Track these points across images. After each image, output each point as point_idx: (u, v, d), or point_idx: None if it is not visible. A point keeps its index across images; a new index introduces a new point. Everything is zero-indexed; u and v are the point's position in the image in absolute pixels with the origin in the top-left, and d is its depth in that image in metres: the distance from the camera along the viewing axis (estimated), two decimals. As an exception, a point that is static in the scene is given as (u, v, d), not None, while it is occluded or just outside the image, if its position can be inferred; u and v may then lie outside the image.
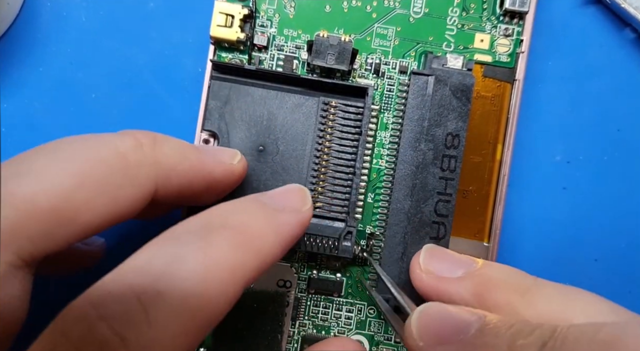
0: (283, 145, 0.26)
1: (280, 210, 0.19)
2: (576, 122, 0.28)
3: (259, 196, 0.21)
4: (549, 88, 0.28)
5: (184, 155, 0.20)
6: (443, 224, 0.25)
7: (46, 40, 0.28)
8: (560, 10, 0.29)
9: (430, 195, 0.25)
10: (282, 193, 0.21)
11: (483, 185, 0.26)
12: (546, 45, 0.28)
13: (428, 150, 0.25)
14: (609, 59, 0.29)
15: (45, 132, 0.28)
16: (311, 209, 0.21)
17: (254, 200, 0.20)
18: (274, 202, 0.20)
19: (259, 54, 0.27)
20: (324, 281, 0.26)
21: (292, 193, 0.21)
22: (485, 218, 0.26)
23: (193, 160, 0.20)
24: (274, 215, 0.19)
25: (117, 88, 0.28)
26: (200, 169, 0.21)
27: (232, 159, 0.22)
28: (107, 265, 0.16)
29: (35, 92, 0.28)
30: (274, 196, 0.21)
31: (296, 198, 0.21)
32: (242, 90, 0.26)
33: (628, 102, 0.28)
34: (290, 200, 0.20)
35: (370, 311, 0.26)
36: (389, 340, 0.26)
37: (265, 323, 0.24)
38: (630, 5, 0.27)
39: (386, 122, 0.27)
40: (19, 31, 0.28)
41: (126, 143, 0.19)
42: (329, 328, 0.26)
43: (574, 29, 0.29)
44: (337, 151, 0.26)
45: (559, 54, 0.28)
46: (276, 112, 0.26)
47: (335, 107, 0.26)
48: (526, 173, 0.28)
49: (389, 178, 0.26)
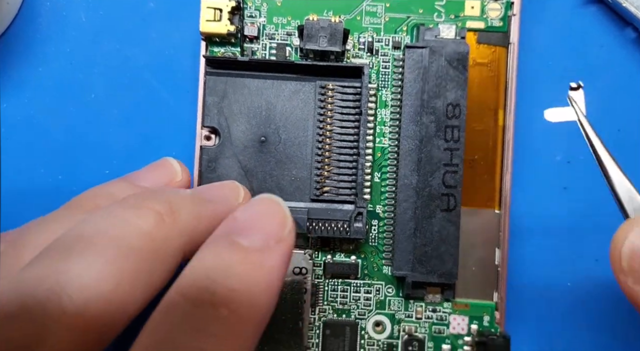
0: (285, 133, 0.26)
1: (264, 250, 0.17)
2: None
3: (234, 235, 0.17)
4: (549, 88, 0.28)
5: (200, 215, 0.19)
6: (452, 195, 0.25)
7: (46, 40, 0.28)
8: (560, 9, 0.28)
9: (436, 167, 0.25)
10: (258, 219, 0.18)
11: (488, 153, 0.26)
12: (547, 44, 0.28)
13: (430, 122, 0.25)
14: (610, 58, 0.28)
15: (46, 132, 0.28)
16: (294, 228, 0.18)
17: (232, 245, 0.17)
18: (253, 238, 0.17)
19: (251, 45, 0.27)
20: (339, 265, 0.26)
21: (269, 215, 0.18)
22: (494, 186, 0.26)
23: (210, 217, 0.19)
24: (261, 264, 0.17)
25: (117, 88, 0.28)
26: (215, 221, 0.19)
27: (238, 198, 0.21)
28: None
29: (35, 92, 0.28)
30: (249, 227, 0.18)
31: (275, 220, 0.18)
32: (238, 83, 0.26)
33: (629, 102, 0.28)
34: (269, 226, 0.18)
35: (389, 290, 0.26)
36: (410, 317, 0.25)
37: (285, 312, 0.24)
38: (631, 4, 0.27)
39: (385, 99, 0.26)
40: (19, 31, 0.28)
41: (148, 220, 0.17)
42: (349, 311, 0.26)
43: (574, 28, 0.28)
44: (339, 134, 0.26)
45: (560, 53, 0.28)
46: (274, 101, 0.26)
47: (333, 89, 0.26)
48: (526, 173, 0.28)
49: (394, 156, 0.26)
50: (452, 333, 0.25)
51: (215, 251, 0.17)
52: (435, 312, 0.25)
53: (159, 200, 0.18)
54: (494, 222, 0.26)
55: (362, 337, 0.25)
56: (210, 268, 0.17)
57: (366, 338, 0.25)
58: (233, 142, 0.26)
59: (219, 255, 0.17)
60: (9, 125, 0.28)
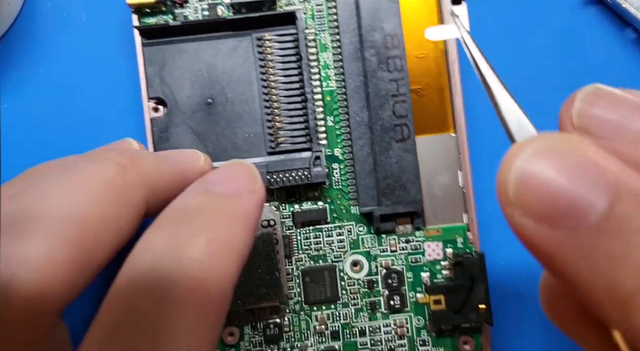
0: (230, 92, 0.26)
1: (237, 197, 0.18)
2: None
3: (209, 186, 0.18)
4: (548, 88, 0.28)
5: (161, 168, 0.20)
6: (405, 125, 0.25)
7: (46, 40, 0.28)
8: (561, 10, 0.28)
9: (385, 100, 0.25)
10: (229, 175, 0.19)
11: (434, 78, 0.26)
12: (547, 45, 0.28)
13: (371, 56, 0.25)
14: (610, 59, 0.28)
15: (46, 132, 0.28)
16: (263, 185, 0.19)
17: (208, 192, 0.18)
18: (227, 188, 0.18)
19: (183, 10, 0.26)
20: (307, 212, 0.26)
21: (239, 173, 0.19)
22: (446, 110, 0.26)
23: (171, 172, 0.20)
24: (236, 206, 0.18)
25: (117, 88, 0.28)
26: (179, 179, 0.20)
27: (199, 161, 0.22)
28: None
29: (35, 92, 0.28)
30: (222, 180, 0.19)
31: (245, 176, 0.19)
32: (175, 49, 0.26)
33: None
34: (241, 181, 0.19)
35: (360, 229, 0.26)
36: (385, 251, 0.26)
37: (260, 265, 0.24)
38: (631, 5, 0.26)
39: (325, 42, 0.26)
40: (19, 31, 0.28)
41: (110, 169, 0.18)
42: (325, 256, 0.26)
43: (574, 29, 0.28)
44: (284, 83, 0.26)
45: (560, 54, 0.28)
46: (214, 62, 0.26)
47: (270, 39, 0.26)
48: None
49: (343, 97, 0.26)
50: (429, 260, 0.25)
51: (188, 195, 0.18)
52: (408, 243, 0.26)
53: (120, 153, 0.19)
54: (452, 146, 0.26)
55: (341, 279, 0.26)
56: (185, 207, 0.17)
57: (346, 279, 0.26)
58: (181, 109, 0.26)
59: (193, 198, 0.18)
60: (9, 125, 0.28)
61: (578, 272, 0.11)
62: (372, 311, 0.25)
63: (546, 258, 0.11)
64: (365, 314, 0.25)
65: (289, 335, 0.25)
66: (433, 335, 0.25)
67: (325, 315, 0.25)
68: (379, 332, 0.25)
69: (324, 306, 0.25)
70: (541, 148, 0.11)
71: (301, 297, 0.26)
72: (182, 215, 0.17)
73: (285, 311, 0.25)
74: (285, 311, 0.25)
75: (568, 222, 0.11)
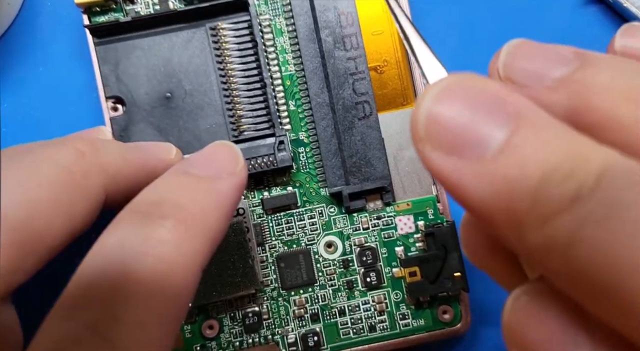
0: (188, 84, 0.25)
1: (215, 178, 0.18)
2: None
3: (188, 167, 0.18)
4: None
5: (126, 157, 0.20)
6: (366, 102, 0.25)
7: (46, 40, 0.28)
8: (561, 9, 0.28)
9: (344, 79, 0.25)
10: (210, 156, 0.19)
11: (392, 54, 0.26)
12: None
13: (326, 36, 0.25)
14: None
15: (46, 132, 0.28)
16: (245, 167, 0.19)
17: (185, 174, 0.18)
18: (205, 170, 0.18)
19: (133, 6, 0.26)
20: (276, 198, 0.26)
21: (220, 154, 0.19)
22: (407, 84, 0.26)
23: (136, 162, 0.20)
24: (211, 188, 0.18)
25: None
26: (144, 169, 0.20)
27: (169, 153, 0.22)
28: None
29: (35, 92, 0.28)
30: (202, 162, 0.19)
31: (226, 158, 0.19)
32: (128, 46, 0.25)
33: None
34: (221, 163, 0.19)
35: (331, 210, 0.26)
36: (358, 230, 0.26)
37: (232, 254, 0.24)
38: (632, 4, 0.26)
39: (280, 27, 0.26)
40: (19, 31, 0.28)
41: (68, 155, 0.18)
42: (298, 240, 0.26)
43: (575, 28, 0.28)
44: (241, 71, 0.25)
45: None
46: (169, 55, 0.25)
47: (224, 28, 0.25)
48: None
49: (303, 80, 0.26)
50: (401, 234, 0.25)
51: (167, 177, 0.18)
52: (380, 219, 0.26)
53: (82, 140, 0.19)
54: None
55: (317, 261, 0.26)
56: (161, 189, 0.17)
57: (321, 261, 0.26)
58: (140, 106, 0.25)
59: (171, 179, 0.18)
60: (9, 125, 0.28)
61: (481, 200, 0.11)
62: (349, 290, 0.25)
63: (454, 189, 0.12)
64: (343, 294, 0.25)
65: (269, 322, 0.25)
66: (412, 308, 0.25)
67: (303, 299, 0.25)
68: (358, 310, 0.25)
69: (302, 290, 0.25)
70: (447, 86, 0.12)
71: (278, 283, 0.25)
72: (155, 197, 0.17)
73: (263, 299, 0.25)
74: (263, 299, 0.25)
75: (472, 152, 0.11)
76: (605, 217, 0.10)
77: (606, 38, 0.28)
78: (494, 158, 0.11)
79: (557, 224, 0.10)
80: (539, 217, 0.10)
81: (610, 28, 0.28)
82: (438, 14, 0.28)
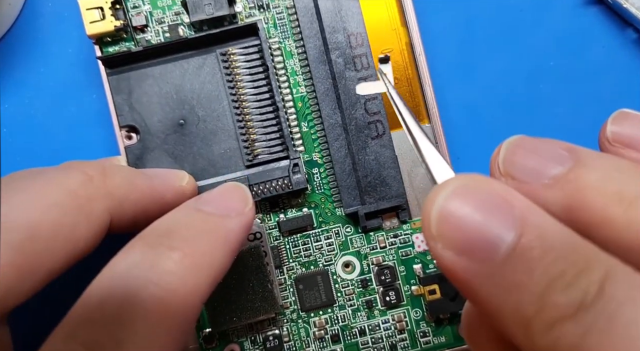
0: (201, 110, 0.26)
1: (224, 217, 0.19)
2: (578, 122, 0.28)
3: (200, 204, 0.19)
4: (550, 88, 0.28)
5: (134, 183, 0.20)
6: (379, 121, 0.25)
7: (47, 41, 0.28)
8: (562, 10, 0.28)
9: (356, 99, 0.25)
10: (221, 196, 0.20)
11: (402, 72, 0.26)
12: (548, 45, 0.28)
13: (337, 58, 0.25)
14: (611, 59, 0.28)
15: (46, 132, 0.28)
16: (253, 208, 0.20)
17: (197, 210, 0.19)
18: (216, 209, 0.19)
19: (144, 35, 0.26)
20: (293, 220, 0.26)
21: (231, 194, 0.20)
22: (419, 102, 0.26)
23: (144, 188, 0.21)
24: (220, 226, 0.18)
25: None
26: (152, 196, 0.21)
27: (181, 181, 0.23)
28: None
29: (36, 92, 0.28)
30: (214, 200, 0.20)
31: (236, 199, 0.20)
32: (140, 75, 0.26)
33: (630, 103, 0.28)
34: (231, 203, 0.20)
35: (347, 230, 0.26)
36: (375, 249, 0.26)
37: (251, 279, 0.24)
38: (632, 5, 0.26)
39: (290, 49, 0.26)
40: (20, 32, 0.28)
41: (75, 179, 0.18)
42: (316, 262, 0.26)
43: (575, 29, 0.28)
44: (253, 94, 0.26)
45: (561, 54, 0.28)
46: (181, 82, 0.26)
47: (234, 53, 0.26)
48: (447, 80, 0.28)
49: (314, 102, 0.26)
50: (419, 252, 0.25)
51: (179, 211, 0.19)
52: (397, 237, 0.26)
53: (92, 165, 0.19)
54: (429, 136, 0.26)
55: (335, 282, 0.26)
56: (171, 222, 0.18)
57: (339, 282, 0.26)
58: (154, 134, 0.26)
59: (183, 213, 0.19)
60: (9, 125, 0.28)
61: (490, 299, 0.12)
62: (369, 310, 0.25)
63: (464, 286, 0.12)
64: (362, 313, 0.25)
65: (290, 345, 0.25)
66: (432, 325, 0.25)
67: (323, 320, 0.25)
68: (378, 329, 0.25)
69: (321, 311, 0.25)
70: (457, 188, 0.13)
71: (297, 305, 0.25)
72: (166, 229, 0.18)
73: (283, 322, 0.25)
74: (283, 322, 0.25)
75: (482, 254, 0.12)
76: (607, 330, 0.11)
77: (606, 38, 0.29)
78: (503, 262, 0.12)
79: (564, 330, 0.11)
80: (546, 321, 0.11)
81: (610, 28, 0.28)
82: (439, 14, 0.28)
